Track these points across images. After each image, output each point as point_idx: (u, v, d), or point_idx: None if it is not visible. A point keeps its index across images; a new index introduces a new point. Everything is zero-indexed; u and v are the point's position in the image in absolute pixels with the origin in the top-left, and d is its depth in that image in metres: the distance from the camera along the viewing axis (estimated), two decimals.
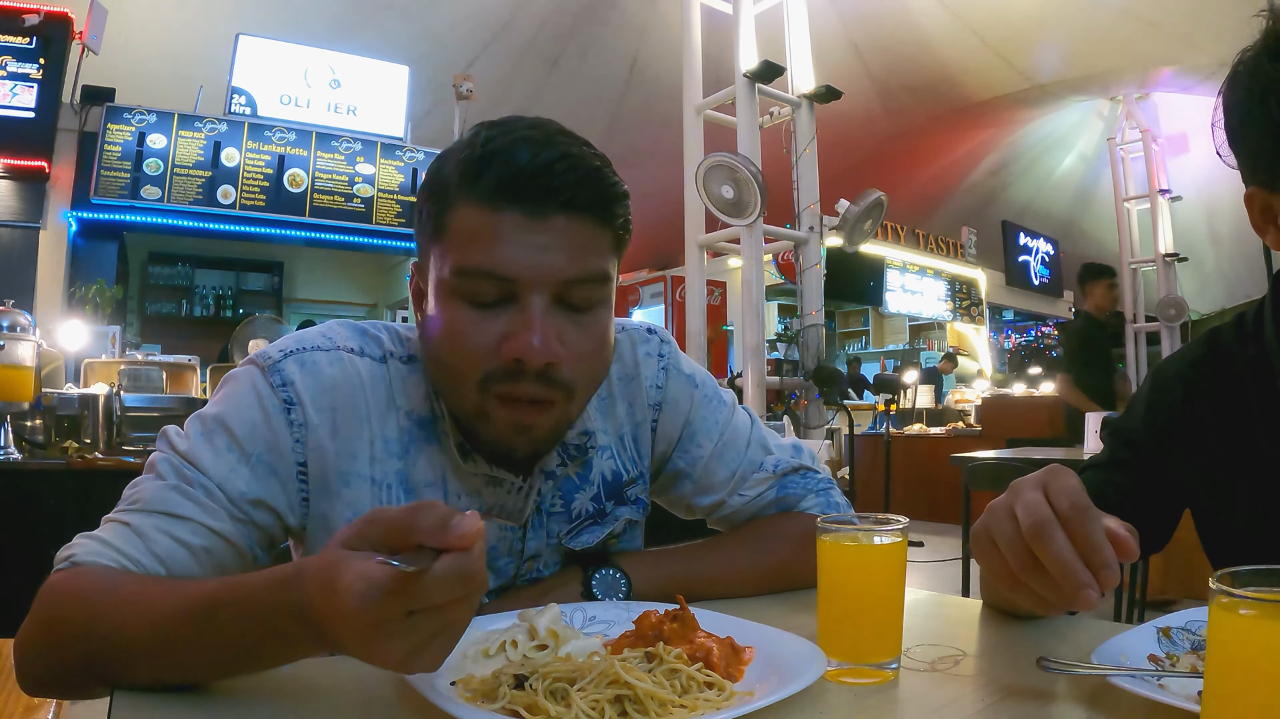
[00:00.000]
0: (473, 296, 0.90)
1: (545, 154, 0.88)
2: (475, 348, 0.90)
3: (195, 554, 0.90)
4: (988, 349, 14.92)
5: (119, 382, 5.10)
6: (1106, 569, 0.75)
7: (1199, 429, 1.16)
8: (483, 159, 0.88)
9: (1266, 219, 1.04)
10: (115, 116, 7.62)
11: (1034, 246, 15.47)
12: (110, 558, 0.87)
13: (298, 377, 0.97)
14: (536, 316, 0.89)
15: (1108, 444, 1.27)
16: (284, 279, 11.82)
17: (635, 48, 10.70)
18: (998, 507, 0.81)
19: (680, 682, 0.72)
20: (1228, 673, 0.55)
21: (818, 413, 7.98)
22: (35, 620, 0.84)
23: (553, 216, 0.89)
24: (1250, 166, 1.05)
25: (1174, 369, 1.22)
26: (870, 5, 10.16)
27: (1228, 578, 0.54)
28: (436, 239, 0.93)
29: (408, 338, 1.06)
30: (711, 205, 7.35)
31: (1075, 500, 0.76)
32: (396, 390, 1.02)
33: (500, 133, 0.90)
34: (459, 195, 0.90)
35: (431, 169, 0.96)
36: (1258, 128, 1.01)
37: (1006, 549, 0.79)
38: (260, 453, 0.95)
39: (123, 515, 0.91)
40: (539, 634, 0.83)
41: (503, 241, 0.88)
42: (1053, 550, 0.75)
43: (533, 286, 0.89)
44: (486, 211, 0.88)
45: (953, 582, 5.19)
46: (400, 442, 1.01)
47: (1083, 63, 11.34)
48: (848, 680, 0.81)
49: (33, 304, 7.15)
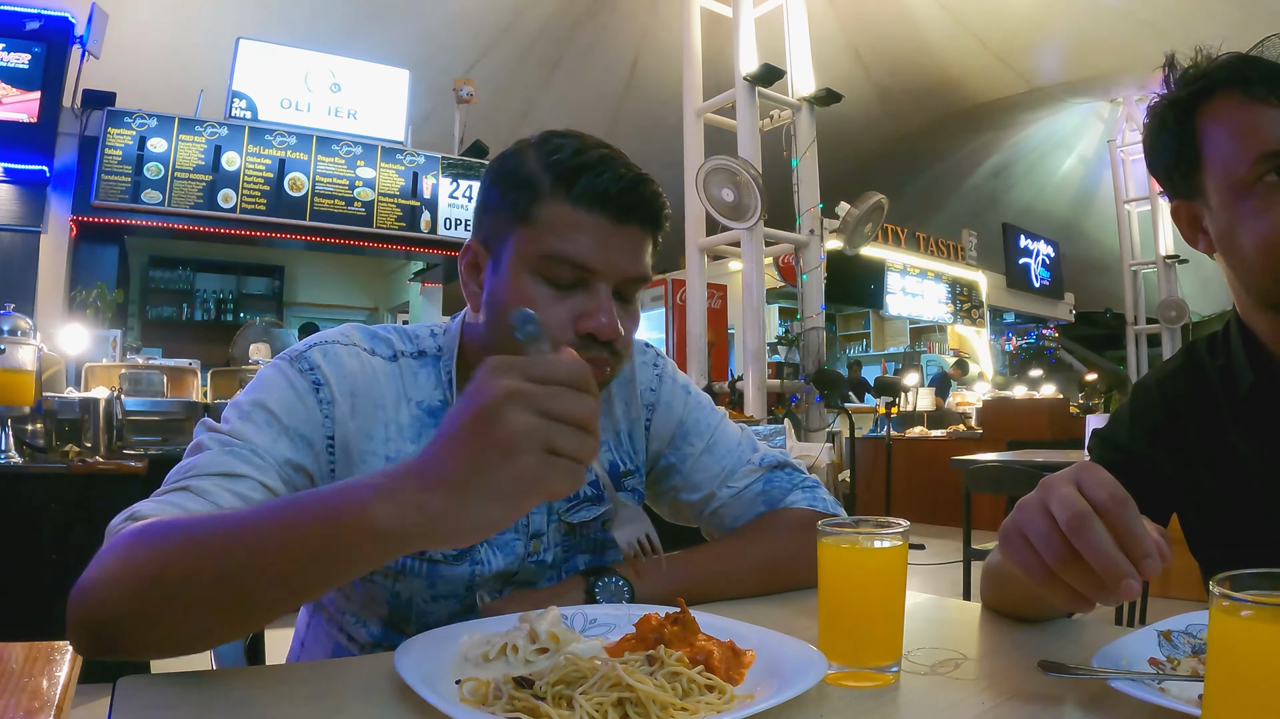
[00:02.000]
0: (553, 278, 1.05)
1: (629, 176, 1.06)
2: (551, 319, 1.04)
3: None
4: (988, 352, 14.92)
5: (120, 385, 5.10)
6: (1148, 559, 0.74)
7: (1178, 434, 1.21)
8: (578, 168, 1.04)
9: (1194, 228, 1.16)
10: (116, 120, 7.63)
11: (1035, 249, 15.48)
12: (178, 512, 0.90)
13: (322, 362, 1.09)
14: (606, 301, 1.05)
15: (1096, 450, 1.30)
16: (285, 283, 11.84)
17: (635, 51, 10.71)
18: (1029, 503, 0.81)
19: (681, 685, 0.73)
20: (1228, 676, 0.55)
21: (818, 416, 7.99)
22: (111, 565, 0.81)
23: (629, 226, 1.07)
24: (1169, 181, 1.17)
25: (1153, 379, 1.29)
26: (870, 8, 10.17)
27: (1228, 581, 0.55)
28: (522, 223, 1.06)
29: (415, 335, 1.19)
30: (712, 208, 7.36)
31: (1113, 492, 0.76)
32: (408, 384, 1.14)
33: (575, 142, 1.07)
34: (553, 192, 1.05)
35: (509, 164, 1.09)
36: (1166, 144, 1.14)
37: (1041, 544, 0.78)
38: (296, 425, 1.04)
39: (179, 483, 0.95)
40: (540, 638, 0.83)
41: (589, 239, 1.04)
42: (1093, 542, 0.74)
43: (605, 277, 1.06)
44: (579, 211, 1.04)
45: (954, 585, 5.19)
46: (413, 428, 1.12)
47: (1083, 65, 11.34)
48: (848, 684, 0.81)
49: (33, 308, 7.16)
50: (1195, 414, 1.20)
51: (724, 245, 8.14)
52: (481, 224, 1.12)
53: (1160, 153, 1.16)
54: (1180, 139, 1.12)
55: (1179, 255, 12.82)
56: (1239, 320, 1.19)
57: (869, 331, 14.92)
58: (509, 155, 1.10)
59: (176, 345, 8.88)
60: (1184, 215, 1.16)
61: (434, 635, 0.88)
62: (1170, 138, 1.13)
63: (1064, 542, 0.76)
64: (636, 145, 7.87)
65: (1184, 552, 1.21)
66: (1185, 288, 13.35)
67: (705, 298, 8.23)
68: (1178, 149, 1.12)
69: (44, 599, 3.27)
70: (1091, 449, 1.31)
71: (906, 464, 9.53)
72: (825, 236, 8.21)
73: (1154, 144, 1.17)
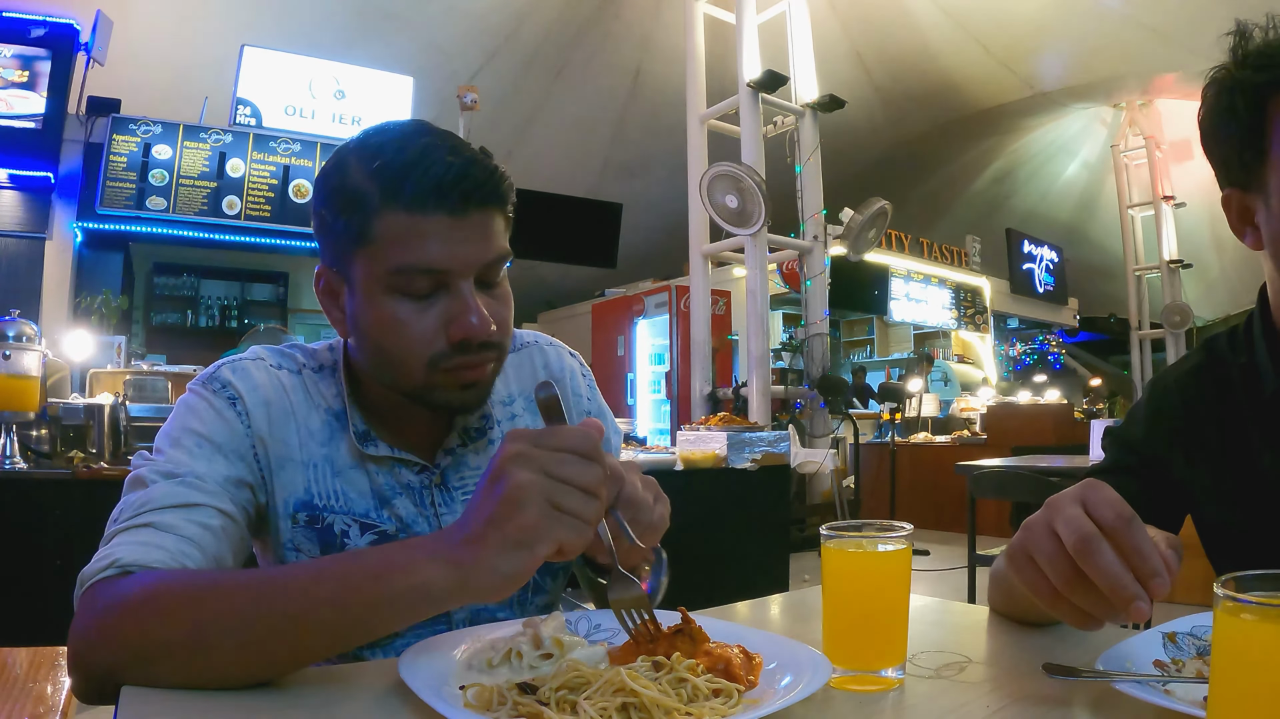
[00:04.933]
0: (409, 291, 1.01)
1: (457, 162, 1.00)
2: (420, 335, 1.02)
3: (217, 535, 0.97)
4: (993, 357, 14.88)
5: (124, 391, 5.11)
6: (1156, 578, 0.74)
7: (1197, 434, 1.17)
8: (401, 169, 0.99)
9: (1244, 220, 1.08)
10: (121, 127, 7.66)
11: (1038, 254, 15.45)
12: (158, 552, 0.90)
13: (233, 379, 1.09)
14: (470, 299, 1.02)
15: (1110, 451, 1.27)
16: (289, 289, 11.82)
17: (639, 58, 10.73)
18: (1035, 524, 0.80)
19: (687, 691, 0.72)
20: (1233, 678, 0.55)
21: (823, 422, 7.98)
22: (114, 622, 0.82)
23: (470, 214, 1.01)
24: (1225, 168, 1.09)
25: (1172, 377, 1.24)
26: (873, 14, 10.18)
27: (1232, 582, 0.54)
28: (361, 244, 1.01)
29: (314, 351, 1.19)
30: (716, 215, 7.36)
31: (1119, 511, 0.75)
32: (313, 392, 1.14)
33: (394, 140, 1.02)
34: (383, 203, 0.99)
35: (332, 181, 1.04)
36: (1230, 129, 1.05)
37: (1048, 566, 0.78)
38: (226, 442, 1.05)
39: (139, 520, 0.94)
40: (543, 643, 0.83)
41: (433, 240, 1.00)
42: (1101, 564, 0.73)
43: (462, 274, 1.02)
44: (414, 216, 0.99)
45: (959, 590, 5.18)
46: (323, 432, 1.12)
47: (1085, 70, 11.35)
48: (853, 687, 0.81)
49: (38, 314, 7.18)
50: (1215, 414, 1.16)
51: (728, 251, 8.14)
52: (324, 247, 1.08)
53: (1220, 137, 1.07)
54: (1248, 127, 1.02)
55: (1183, 260, 12.81)
56: (1264, 320, 1.14)
57: (873, 337, 14.88)
58: (331, 171, 1.05)
59: (181, 352, 8.87)
60: (1235, 205, 1.09)
61: (438, 642, 0.88)
62: (1236, 124, 1.03)
63: (1071, 564, 0.76)
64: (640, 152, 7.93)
65: (1189, 556, 1.21)
66: (1189, 292, 13.33)
67: (709, 304, 8.23)
68: (1243, 137, 1.03)
69: (48, 605, 3.27)
70: (1105, 449, 1.28)
71: (911, 470, 9.52)
72: (829, 242, 8.22)
73: (1215, 126, 1.08)
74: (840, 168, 9.91)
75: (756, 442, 5.15)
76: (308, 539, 1.08)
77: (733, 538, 4.86)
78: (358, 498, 1.10)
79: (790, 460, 5.43)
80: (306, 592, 0.80)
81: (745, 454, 5.05)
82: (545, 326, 12.66)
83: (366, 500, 1.11)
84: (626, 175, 11.90)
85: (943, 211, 15.22)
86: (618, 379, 11.27)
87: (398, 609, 0.79)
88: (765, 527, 5.13)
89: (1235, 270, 14.00)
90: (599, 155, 11.82)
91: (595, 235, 10.99)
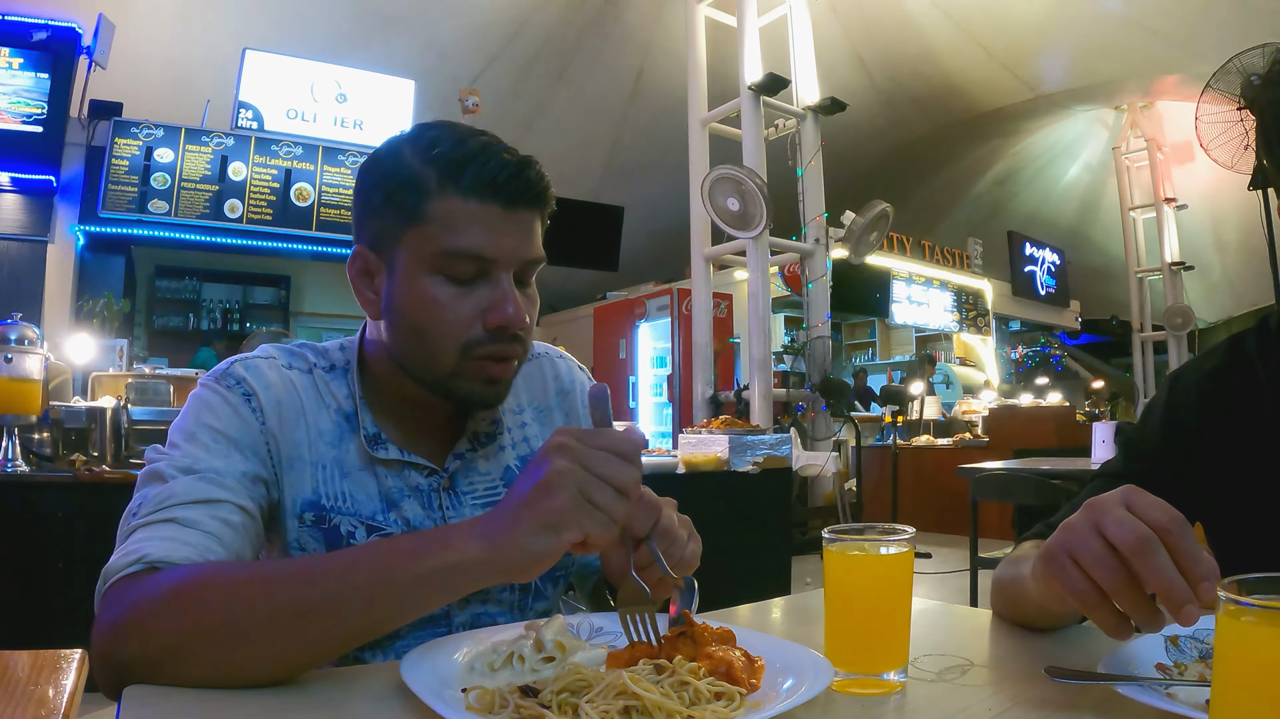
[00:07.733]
0: (453, 274, 1.04)
1: (514, 160, 1.04)
2: (458, 319, 1.05)
3: (238, 532, 0.99)
4: (994, 360, 14.87)
5: (126, 395, 5.11)
6: (1206, 582, 0.72)
7: (1216, 440, 1.13)
8: (463, 159, 1.03)
9: None
10: (122, 130, 7.67)
11: (1040, 257, 15.43)
12: (185, 547, 0.91)
13: (246, 376, 1.10)
14: (510, 290, 1.06)
15: (1120, 453, 1.24)
16: (291, 293, 11.85)
17: (640, 61, 10.74)
18: (1078, 525, 0.78)
19: (689, 694, 0.72)
20: (1235, 681, 0.55)
21: (825, 425, 7.98)
22: (147, 615, 0.82)
23: (521, 210, 1.06)
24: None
25: (1191, 378, 1.19)
26: (874, 17, 10.19)
27: (1235, 586, 0.54)
28: (413, 223, 1.04)
29: (324, 350, 1.20)
30: (717, 218, 7.36)
31: (1171, 513, 0.74)
32: (323, 392, 1.15)
33: (451, 134, 1.06)
34: (440, 187, 1.03)
35: (386, 165, 1.07)
36: None
37: (1095, 568, 0.75)
38: (241, 437, 1.06)
39: (161, 515, 0.95)
40: (545, 646, 0.83)
41: (485, 229, 1.03)
42: (1157, 565, 0.72)
43: (504, 266, 1.05)
44: (469, 203, 1.03)
45: (961, 593, 5.17)
46: (333, 432, 1.13)
47: (1087, 72, 11.35)
48: (855, 691, 0.81)
49: (40, 317, 7.19)
50: (1238, 421, 1.11)
51: (729, 254, 8.14)
52: (365, 229, 1.10)
53: None
54: None
55: (1184, 262, 12.81)
56: None
57: (875, 340, 14.88)
58: (385, 156, 1.09)
59: (183, 355, 8.89)
60: None
61: (440, 644, 0.88)
62: None
63: (1120, 566, 0.74)
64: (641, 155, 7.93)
65: None
66: (1191, 295, 13.33)
67: (711, 307, 8.23)
68: None
69: (50, 608, 3.28)
70: (1118, 447, 1.25)
71: (913, 473, 9.50)
72: (831, 245, 8.21)
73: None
74: (842, 171, 9.90)
75: (758, 445, 5.15)
76: (314, 539, 1.09)
77: (734, 541, 4.85)
78: (365, 500, 1.11)
79: (792, 463, 5.43)
80: (343, 576, 0.83)
81: (747, 457, 5.05)
82: (547, 329, 12.65)
83: (374, 502, 1.11)
84: (628, 178, 11.90)
85: (944, 214, 15.21)
86: (619, 382, 11.26)
87: (433, 585, 0.82)
88: (767, 530, 5.12)
89: (1237, 272, 14.00)
90: (600, 158, 11.83)
91: (597, 238, 11.00)
